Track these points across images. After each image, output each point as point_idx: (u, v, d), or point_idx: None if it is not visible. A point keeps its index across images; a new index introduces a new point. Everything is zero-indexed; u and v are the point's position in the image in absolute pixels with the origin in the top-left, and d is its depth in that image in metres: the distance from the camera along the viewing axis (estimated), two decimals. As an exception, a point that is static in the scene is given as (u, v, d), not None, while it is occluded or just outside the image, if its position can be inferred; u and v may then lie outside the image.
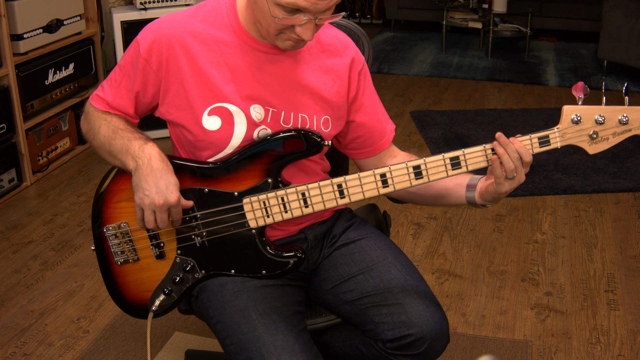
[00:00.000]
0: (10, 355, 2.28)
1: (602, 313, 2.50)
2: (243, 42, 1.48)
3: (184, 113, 1.49)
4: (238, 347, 1.43)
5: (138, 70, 1.48)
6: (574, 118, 1.40)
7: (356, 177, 1.44)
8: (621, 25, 5.10)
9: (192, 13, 1.50)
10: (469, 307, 2.54)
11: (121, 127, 1.50)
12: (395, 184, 1.45)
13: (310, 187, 1.46)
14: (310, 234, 1.63)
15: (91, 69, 3.90)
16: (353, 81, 1.58)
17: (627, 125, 1.41)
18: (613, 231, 3.07)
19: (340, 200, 1.46)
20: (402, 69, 5.64)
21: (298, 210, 1.47)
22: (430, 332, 1.49)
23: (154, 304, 1.54)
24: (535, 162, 3.72)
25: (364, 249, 1.62)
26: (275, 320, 1.44)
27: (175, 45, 1.46)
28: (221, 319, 1.48)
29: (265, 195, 1.47)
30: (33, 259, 2.84)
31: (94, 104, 1.57)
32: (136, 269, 1.55)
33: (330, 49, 1.56)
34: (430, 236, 3.03)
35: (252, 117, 1.48)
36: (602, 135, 1.42)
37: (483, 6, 6.18)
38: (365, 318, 1.55)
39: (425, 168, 1.43)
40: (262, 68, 1.49)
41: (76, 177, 3.59)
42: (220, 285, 1.52)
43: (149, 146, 1.45)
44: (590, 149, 1.43)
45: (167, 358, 2.26)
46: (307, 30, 1.37)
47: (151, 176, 1.42)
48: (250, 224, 1.49)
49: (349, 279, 1.59)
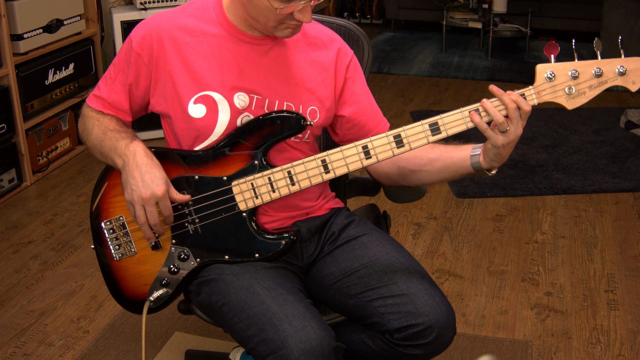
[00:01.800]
0: (10, 355, 2.28)
1: (602, 313, 2.50)
2: (230, 34, 1.54)
3: (172, 103, 1.54)
4: (247, 323, 1.43)
5: (131, 64, 1.55)
6: (548, 75, 1.42)
7: (339, 151, 1.48)
8: (621, 25, 5.10)
9: (180, 9, 1.58)
10: (469, 307, 2.54)
11: (110, 128, 1.56)
12: (377, 154, 1.47)
13: (295, 164, 1.50)
14: (303, 226, 1.65)
15: (91, 69, 3.90)
16: (339, 74, 1.62)
17: (602, 77, 1.42)
18: (613, 231, 3.07)
19: (326, 175, 1.50)
20: (402, 69, 5.64)
21: (285, 188, 1.51)
22: (437, 321, 1.49)
23: (152, 296, 1.57)
24: (535, 162, 3.72)
25: (366, 244, 1.63)
26: (282, 293, 1.45)
27: (165, 38, 1.53)
28: (227, 300, 1.49)
29: (253, 177, 1.51)
30: (33, 259, 2.84)
31: (90, 104, 1.63)
32: (134, 262, 1.58)
33: (316, 42, 1.61)
34: (430, 236, 3.03)
35: (235, 105, 1.53)
36: (578, 89, 1.43)
37: (483, 6, 6.19)
38: (370, 310, 1.55)
39: (405, 136, 1.45)
40: (248, 58, 1.55)
41: (76, 177, 3.60)
42: (219, 273, 1.54)
43: (134, 144, 1.51)
44: (569, 104, 1.43)
45: (167, 358, 2.26)
46: (306, 12, 1.43)
47: (137, 171, 1.47)
48: (240, 207, 1.53)
49: (352, 273, 1.59)
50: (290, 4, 1.41)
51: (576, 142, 4.01)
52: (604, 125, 4.22)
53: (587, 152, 3.87)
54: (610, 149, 3.90)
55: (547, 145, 3.95)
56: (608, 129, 4.17)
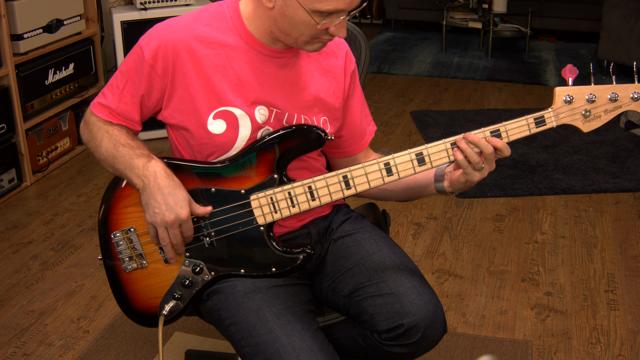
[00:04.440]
0: (10, 355, 2.28)
1: (602, 313, 2.50)
2: (248, 45, 1.50)
3: (189, 117, 1.49)
4: (255, 349, 1.43)
5: (143, 75, 1.48)
6: (566, 98, 1.47)
7: (361, 167, 1.47)
8: (621, 25, 5.10)
9: (194, 17, 1.51)
10: (469, 307, 2.54)
11: (122, 142, 1.50)
12: (399, 171, 1.47)
13: (317, 179, 1.47)
14: (313, 229, 1.64)
15: (91, 69, 3.90)
16: (347, 82, 1.62)
17: (617, 102, 1.47)
18: (613, 231, 3.07)
19: (347, 191, 1.48)
20: (402, 69, 5.64)
21: (305, 204, 1.48)
22: (424, 321, 1.49)
23: (164, 309, 1.53)
24: (535, 162, 3.72)
25: (359, 241, 1.63)
26: (291, 320, 1.44)
27: (182, 50, 1.46)
28: (235, 320, 1.48)
29: (272, 191, 1.48)
30: (33, 259, 2.84)
31: (96, 113, 1.55)
32: (144, 275, 1.54)
33: (326, 50, 1.59)
34: (430, 236, 3.03)
35: (256, 120, 1.50)
36: (594, 113, 1.48)
37: (483, 6, 6.19)
38: (361, 310, 1.55)
39: (427, 154, 1.47)
40: (267, 71, 1.51)
41: (76, 177, 3.60)
42: (231, 286, 1.51)
43: (152, 163, 1.45)
44: (585, 127, 1.50)
45: (167, 358, 2.26)
46: (342, 28, 1.42)
47: (159, 194, 1.43)
48: (259, 221, 1.49)
49: (345, 272, 1.60)
50: (329, 17, 1.38)
51: (576, 142, 4.01)
52: (604, 125, 4.20)
53: (587, 152, 3.87)
54: (610, 149, 3.90)
55: (547, 145, 3.95)
56: (608, 129, 4.17)
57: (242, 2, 1.51)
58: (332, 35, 1.43)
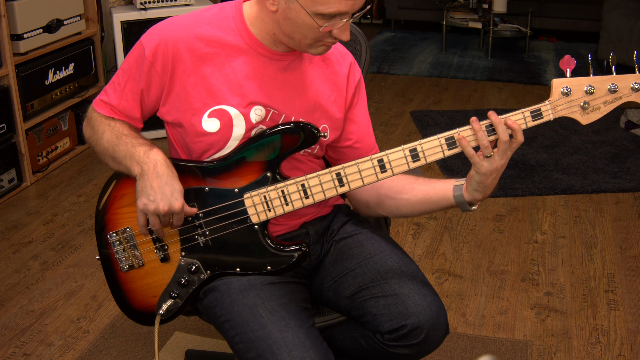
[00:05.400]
0: (10, 355, 2.28)
1: (602, 313, 2.50)
2: (249, 46, 1.50)
3: (184, 114, 1.50)
4: (248, 345, 1.43)
5: (143, 72, 1.49)
6: (563, 90, 1.42)
7: (354, 164, 1.46)
8: (621, 25, 5.10)
9: (196, 16, 1.51)
10: (469, 307, 2.54)
11: (125, 133, 1.51)
12: (393, 167, 1.45)
13: (310, 177, 1.47)
14: (311, 228, 1.64)
15: (91, 69, 3.90)
16: (349, 92, 1.62)
17: (617, 93, 1.43)
18: (613, 231, 3.07)
19: (340, 188, 1.47)
20: (402, 69, 5.64)
21: (299, 201, 1.48)
22: (427, 322, 1.49)
23: (161, 309, 1.54)
24: (535, 162, 3.72)
25: (361, 242, 1.63)
26: (285, 317, 1.44)
27: (182, 48, 1.47)
28: (229, 317, 1.48)
29: (266, 189, 1.48)
30: (33, 259, 2.84)
31: (98, 110, 1.57)
32: (142, 274, 1.55)
33: (330, 58, 1.59)
34: (430, 236, 3.03)
35: (251, 120, 1.50)
36: (593, 105, 1.43)
37: (483, 6, 6.18)
38: (364, 310, 1.55)
39: (421, 150, 1.44)
40: (267, 73, 1.51)
41: (76, 177, 3.60)
42: (226, 284, 1.52)
43: (154, 152, 1.46)
44: (583, 119, 1.44)
45: (167, 358, 2.26)
46: (345, 30, 1.41)
47: (157, 182, 1.43)
48: (252, 219, 1.49)
49: (347, 273, 1.59)
50: (332, 20, 1.38)
51: (576, 142, 4.01)
52: (604, 125, 4.22)
53: (587, 152, 3.87)
54: (610, 149, 3.90)
55: (547, 145, 3.95)
56: (608, 129, 4.17)
57: (245, 5, 1.51)
58: (336, 38, 1.42)
